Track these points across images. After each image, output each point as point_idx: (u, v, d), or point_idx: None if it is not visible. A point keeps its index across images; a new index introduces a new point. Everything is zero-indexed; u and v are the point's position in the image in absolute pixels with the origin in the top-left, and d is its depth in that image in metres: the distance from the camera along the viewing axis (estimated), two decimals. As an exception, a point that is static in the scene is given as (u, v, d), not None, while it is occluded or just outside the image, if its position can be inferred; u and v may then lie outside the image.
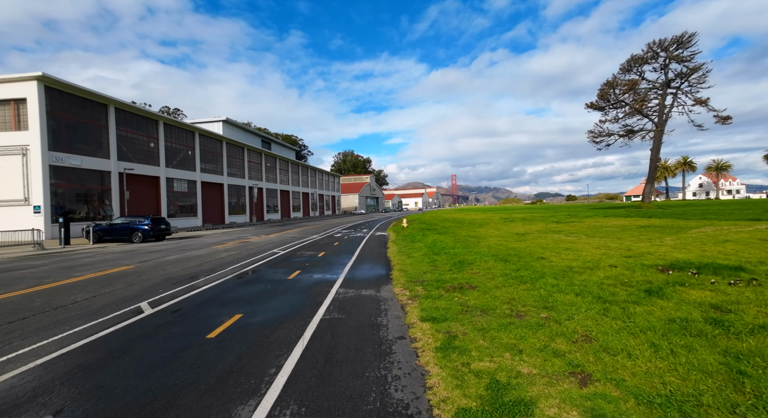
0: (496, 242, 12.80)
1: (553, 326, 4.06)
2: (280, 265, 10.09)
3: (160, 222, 21.42)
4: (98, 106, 25.82)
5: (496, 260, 8.62)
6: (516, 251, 10.13)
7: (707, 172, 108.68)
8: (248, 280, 8.07)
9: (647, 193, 41.27)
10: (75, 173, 24.02)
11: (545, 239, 12.76)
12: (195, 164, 36.73)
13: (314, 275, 8.44)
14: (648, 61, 39.74)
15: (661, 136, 39.67)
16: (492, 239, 13.97)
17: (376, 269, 8.94)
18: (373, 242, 15.90)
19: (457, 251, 10.60)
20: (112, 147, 26.66)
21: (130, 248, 16.74)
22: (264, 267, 9.79)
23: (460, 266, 8.22)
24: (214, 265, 10.46)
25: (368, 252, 12.44)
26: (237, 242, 18.35)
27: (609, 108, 41.98)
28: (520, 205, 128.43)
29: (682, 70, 39.04)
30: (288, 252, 13.10)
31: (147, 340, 4.30)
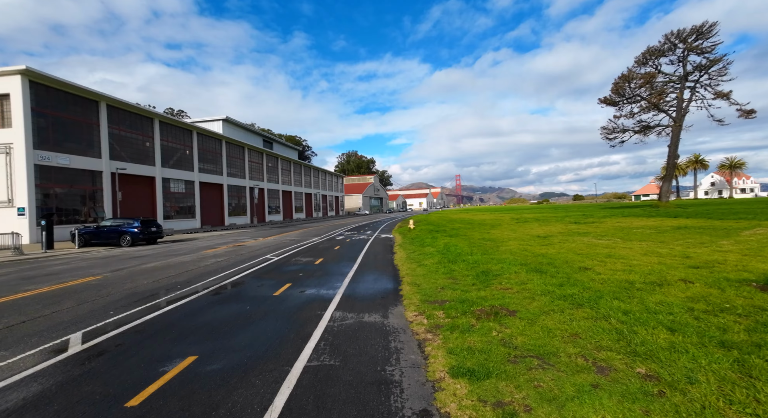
0: (518, 246, 11.21)
1: (675, 398, 2.50)
2: (270, 275, 8.60)
3: (151, 224, 20.07)
4: (88, 102, 24.59)
5: (529, 271, 7.05)
6: (547, 258, 8.55)
7: (720, 170, 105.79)
8: (225, 297, 6.58)
9: (665, 191, 39.33)
10: (63, 173, 22.77)
11: (574, 243, 11.15)
12: (193, 164, 35.49)
13: (307, 289, 6.93)
14: (665, 53, 37.84)
15: (679, 131, 37.74)
16: (512, 242, 12.38)
17: (381, 282, 7.42)
18: (378, 246, 14.38)
19: (476, 258, 9.04)
20: (104, 146, 25.42)
21: (114, 253, 15.37)
22: (249, 278, 8.30)
23: (485, 279, 6.67)
24: (194, 275, 8.99)
25: (372, 258, 10.92)
26: (231, 245, 16.92)
27: (624, 103, 40.10)
28: (527, 205, 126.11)
29: (701, 62, 37.14)
30: (282, 258, 11.62)
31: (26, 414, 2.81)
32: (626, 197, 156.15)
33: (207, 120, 44.93)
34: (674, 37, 36.58)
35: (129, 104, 27.33)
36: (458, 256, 9.60)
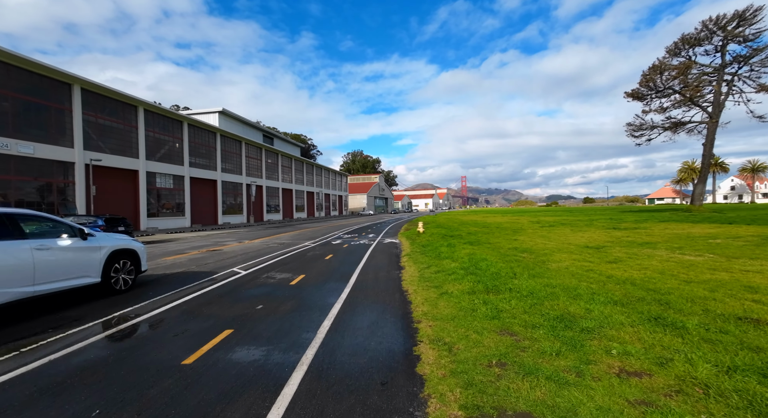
0: (573, 263, 8.12)
1: None
2: (211, 308, 5.63)
3: (118, 223, 17.29)
4: (59, 84, 21.90)
5: (644, 320, 3.98)
6: (642, 288, 5.48)
7: (741, 173, 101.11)
8: (61, 383, 3.62)
9: (698, 194, 35.76)
10: (26, 163, 20.09)
11: (653, 260, 8.03)
12: (183, 158, 32.79)
13: (251, 348, 3.93)
14: (701, 42, 34.37)
15: (715, 128, 34.24)
16: (558, 256, 9.29)
17: (383, 331, 4.40)
18: (381, 256, 11.37)
19: (526, 284, 5.97)
20: (77, 134, 22.72)
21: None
22: (177, 314, 5.34)
23: (571, 338, 3.64)
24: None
25: (372, 277, 7.91)
26: (205, 250, 14.03)
27: (653, 97, 36.68)
28: (536, 208, 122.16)
29: (742, 52, 33.65)
30: (252, 273, 8.67)
31: None
32: (639, 201, 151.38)
33: (202, 112, 42.31)
34: (712, 24, 33.08)
35: (108, 89, 24.65)
36: (496, 278, 6.55)
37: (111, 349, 3.90)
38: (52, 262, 5.51)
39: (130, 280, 7.02)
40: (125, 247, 7.03)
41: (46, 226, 5.84)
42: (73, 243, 5.97)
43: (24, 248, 5.14)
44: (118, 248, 6.86)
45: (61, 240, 5.79)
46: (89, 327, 4.71)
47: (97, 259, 6.36)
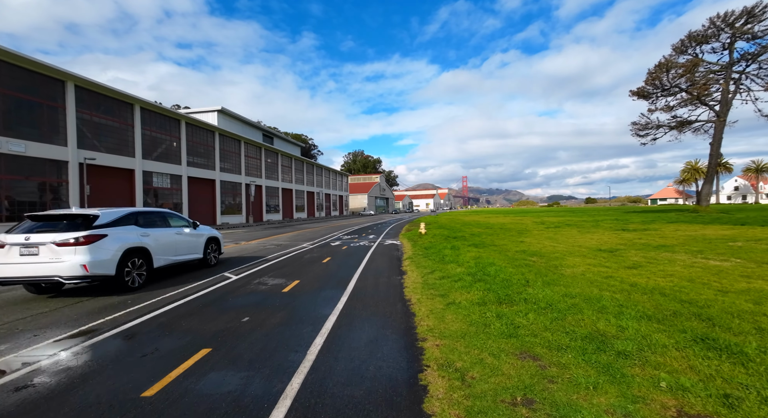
0: (588, 268, 7.52)
1: None
2: (191, 321, 5.06)
3: (110, 224, 16.71)
4: (52, 81, 21.37)
5: (693, 342, 3.39)
6: (674, 299, 4.87)
7: (745, 174, 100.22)
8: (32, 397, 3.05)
9: (705, 194, 35.08)
10: (17, 162, 19.56)
11: (677, 266, 7.42)
12: (181, 157, 32.25)
13: (228, 374, 3.34)
14: (708, 39, 33.69)
15: (722, 127, 33.55)
16: (571, 260, 8.69)
17: (383, 351, 3.80)
18: (381, 259, 10.79)
19: (542, 294, 5.37)
20: (71, 132, 22.19)
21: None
22: (153, 329, 4.77)
23: (607, 363, 3.05)
24: (74, 314, 5.50)
25: (372, 283, 7.32)
26: (197, 252, 13.45)
27: (659, 95, 36.01)
28: (538, 208, 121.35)
29: (750, 49, 33.00)
30: (243, 278, 8.09)
31: None
32: (641, 201, 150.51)
33: (201, 111, 41.77)
34: (720, 21, 32.40)
35: (103, 86, 24.11)
36: (507, 286, 5.95)
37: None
38: (182, 242, 8.72)
39: (215, 258, 10.24)
40: (214, 235, 10.18)
41: (178, 220, 9.04)
42: (191, 231, 9.18)
43: (171, 232, 8.47)
44: (211, 235, 10.00)
45: (186, 229, 9.09)
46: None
47: (201, 242, 9.54)
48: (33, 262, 6.08)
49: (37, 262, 6.08)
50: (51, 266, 6.06)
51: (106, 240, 6.57)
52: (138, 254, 7.21)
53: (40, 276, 6.06)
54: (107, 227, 6.76)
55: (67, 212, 6.79)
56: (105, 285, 7.27)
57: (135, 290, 6.98)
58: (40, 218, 6.68)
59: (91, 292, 6.98)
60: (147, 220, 7.89)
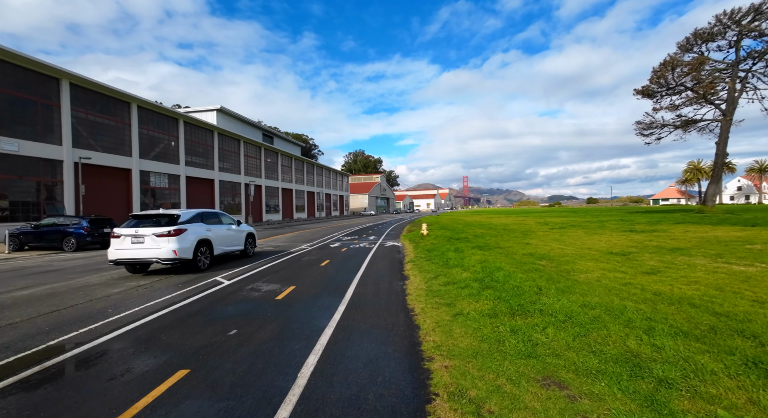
0: (603, 273, 7.04)
1: None
2: (164, 339, 4.60)
3: (103, 224, 16.31)
4: (46, 79, 20.95)
5: (745, 367, 2.91)
6: (713, 312, 4.39)
7: (748, 174, 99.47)
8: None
9: (711, 195, 34.57)
10: (10, 161, 19.14)
11: (699, 271, 6.94)
12: (179, 156, 31.83)
13: (201, 408, 2.86)
14: (714, 37, 33.16)
15: (729, 126, 33.03)
16: (583, 264, 8.21)
17: (383, 375, 3.32)
18: (382, 262, 10.32)
19: (559, 305, 4.90)
20: (66, 131, 21.77)
21: (31, 263, 11.55)
22: (123, 346, 4.31)
23: (650, 396, 2.58)
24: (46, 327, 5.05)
25: (372, 290, 6.86)
26: (192, 254, 13.02)
27: (664, 94, 35.46)
28: (539, 208, 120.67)
29: (757, 47, 32.49)
30: (236, 283, 7.64)
31: None
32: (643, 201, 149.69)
33: (200, 110, 41.34)
34: (726, 18, 31.86)
35: (99, 84, 23.68)
36: (519, 295, 5.48)
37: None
38: (231, 236, 10.85)
39: (252, 250, 12.30)
40: (251, 231, 12.27)
41: (227, 218, 11.16)
42: (236, 227, 11.31)
43: (224, 228, 10.55)
44: (249, 232, 12.08)
45: (233, 226, 11.13)
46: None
47: (243, 237, 11.61)
48: (140, 248, 8.42)
49: (143, 248, 8.42)
50: (153, 251, 8.37)
51: (187, 233, 8.81)
52: (205, 244, 9.46)
53: (145, 258, 8.42)
54: (186, 224, 9.00)
55: (159, 212, 9.13)
56: (183, 267, 9.51)
57: (203, 271, 9.18)
58: (140, 217, 9.11)
59: (169, 272, 9.24)
60: (208, 218, 10.13)
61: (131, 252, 8.43)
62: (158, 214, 9.03)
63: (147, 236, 8.38)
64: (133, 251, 8.42)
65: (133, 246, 8.43)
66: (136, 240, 8.43)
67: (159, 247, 8.34)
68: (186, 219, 9.10)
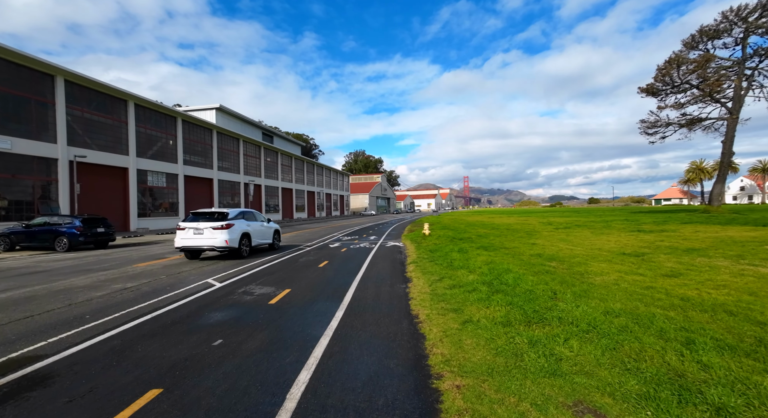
0: (619, 276, 6.58)
1: None
2: (140, 351, 4.15)
3: (97, 224, 15.87)
4: (41, 76, 20.55)
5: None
6: (754, 321, 3.92)
7: (751, 174, 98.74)
8: None
9: (716, 194, 34.00)
10: (3, 159, 18.73)
11: (720, 273, 6.47)
12: (177, 155, 31.42)
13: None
14: (720, 34, 32.65)
15: (735, 125, 32.51)
16: (597, 265, 7.74)
17: (385, 397, 2.86)
18: (383, 263, 9.87)
19: (580, 310, 4.45)
20: (60, 129, 21.37)
21: (17, 264, 11.11)
22: (82, 362, 3.86)
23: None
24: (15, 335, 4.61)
25: (372, 293, 6.40)
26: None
27: (669, 92, 34.95)
28: (541, 208, 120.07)
29: (764, 44, 31.95)
30: (228, 285, 7.19)
31: None
32: (645, 201, 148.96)
33: (199, 109, 40.92)
34: (733, 15, 31.34)
35: (95, 81, 23.27)
36: (532, 299, 5.03)
37: None
38: (263, 231, 12.68)
39: (278, 244, 14.18)
40: (277, 228, 14.15)
41: (260, 216, 13.09)
42: (266, 224, 13.19)
43: (258, 223, 12.35)
44: (276, 228, 13.99)
45: (264, 222, 13.07)
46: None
47: (271, 232, 13.44)
48: (200, 238, 10.50)
49: (202, 238, 10.50)
50: (210, 240, 10.46)
51: (234, 227, 10.86)
52: (246, 236, 11.51)
53: (204, 246, 10.51)
54: (233, 219, 11.01)
55: (213, 210, 11.12)
56: (230, 254, 11.45)
57: (245, 258, 11.19)
58: (198, 214, 11.17)
59: (218, 258, 11.22)
60: (247, 216, 12.02)
61: (193, 241, 10.51)
62: (213, 211, 11.06)
63: (205, 228, 10.49)
64: (194, 240, 10.50)
65: (194, 236, 10.51)
66: (197, 232, 10.52)
67: (215, 237, 10.43)
68: (233, 216, 11.09)
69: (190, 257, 11.18)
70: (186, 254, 11.26)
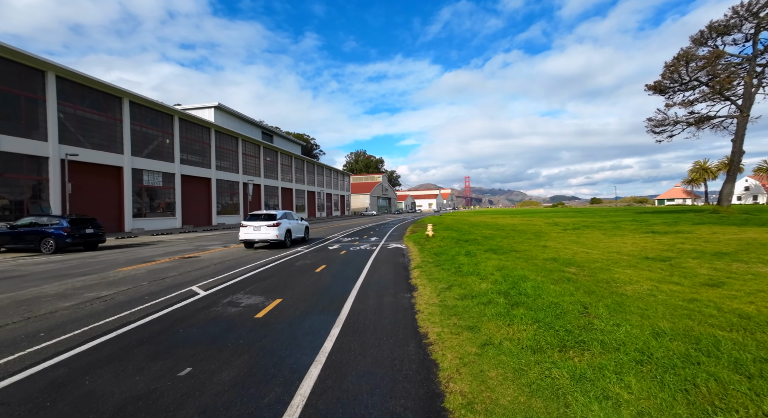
0: (655, 286, 5.83)
1: None
2: (87, 383, 3.40)
3: (85, 224, 15.16)
4: (31, 72, 19.87)
5: None
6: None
7: (756, 174, 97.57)
8: None
9: (726, 194, 33.13)
10: (-10, 158, 18.07)
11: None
12: (174, 154, 30.73)
13: None
14: (730, 30, 31.81)
15: (746, 123, 31.67)
16: (620, 271, 6.99)
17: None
18: (385, 268, 9.13)
19: (623, 331, 3.70)
20: (51, 126, 20.68)
21: (-4, 268, 10.41)
22: (10, 403, 3.13)
23: None
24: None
25: (372, 306, 5.66)
26: (176, 257, 11.87)
27: (677, 90, 34.12)
28: (543, 208, 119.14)
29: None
30: (212, 294, 6.46)
31: None
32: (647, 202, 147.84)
33: (197, 107, 40.22)
34: (744, 10, 30.49)
35: (88, 78, 22.59)
36: (561, 316, 4.28)
37: None
38: (298, 227, 15.71)
39: (308, 237, 17.35)
40: (307, 225, 17.27)
41: (296, 216, 16.33)
42: (299, 222, 16.00)
43: (295, 221, 15.61)
44: (306, 225, 17.08)
45: (298, 221, 15.85)
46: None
47: (303, 228, 16.40)
48: (258, 233, 13.60)
49: (259, 233, 13.59)
50: (265, 235, 13.55)
51: (281, 225, 13.88)
52: (289, 232, 14.50)
53: (262, 239, 13.64)
54: (280, 219, 14.10)
55: (265, 212, 14.24)
56: (277, 245, 14.48)
57: (287, 247, 14.21)
58: (254, 215, 14.22)
59: (265, 248, 14.15)
60: (288, 216, 15.10)
61: (252, 235, 13.81)
62: (265, 213, 14.31)
63: (262, 226, 13.75)
64: (253, 234, 13.79)
65: (253, 232, 13.78)
66: (256, 228, 13.78)
67: (268, 233, 13.65)
68: (279, 216, 14.30)
69: (248, 246, 14.80)
70: (246, 245, 14.83)
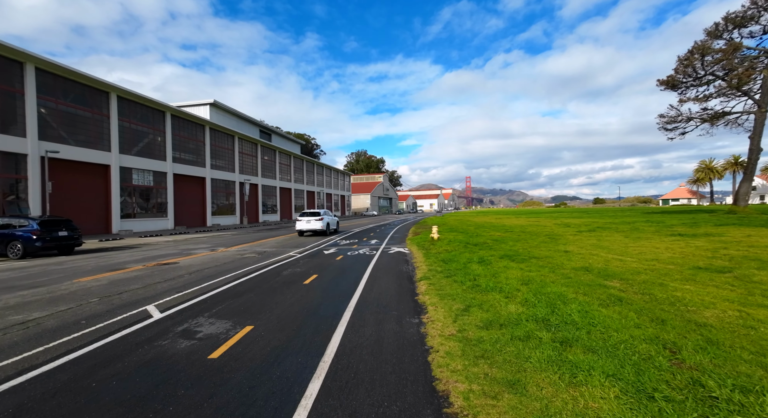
0: (742, 310, 4.47)
1: None
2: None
3: (59, 226, 13.86)
4: (8, 63, 18.60)
5: None
6: None
7: (764, 173, 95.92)
8: None
9: (743, 193, 31.65)
10: (-40, 154, 16.80)
11: None
12: (166, 152, 29.45)
13: None
14: (748, 21, 30.37)
15: (764, 119, 30.19)
16: (680, 286, 5.63)
17: None
18: (386, 279, 7.77)
19: (762, 405, 2.36)
20: (30, 121, 19.41)
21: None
22: None
23: None
24: None
25: (370, 342, 4.31)
26: (152, 264, 10.55)
27: (690, 85, 32.69)
28: (545, 209, 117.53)
29: (794, 32, 29.67)
30: (169, 317, 5.11)
31: None
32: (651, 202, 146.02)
33: (192, 104, 38.91)
34: (763, 0, 29.06)
35: (70, 70, 21.29)
36: (644, 366, 2.93)
37: None
38: (333, 220, 22.52)
39: (338, 229, 24.96)
40: (337, 220, 24.44)
41: (331, 212, 29.88)
42: (333, 217, 22.70)
43: (332, 217, 22.53)
44: (337, 220, 23.85)
45: (332, 217, 22.77)
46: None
47: (335, 221, 23.22)
48: (309, 225, 19.74)
49: (310, 225, 19.74)
50: (314, 226, 19.73)
51: (324, 219, 19.94)
52: (328, 224, 20.37)
53: (313, 229, 19.79)
54: (323, 215, 20.20)
55: (313, 211, 20.43)
56: (321, 233, 20.67)
57: (328, 235, 20.24)
58: (305, 213, 20.30)
59: (311, 236, 19.81)
60: (327, 214, 20.83)
61: (306, 226, 19.60)
62: (313, 211, 20.21)
63: (312, 220, 19.63)
64: (306, 225, 19.60)
65: (306, 224, 19.61)
66: (308, 222, 19.62)
67: (317, 225, 19.53)
68: (322, 213, 20.17)
69: (300, 235, 20.42)
70: (299, 233, 20.38)
